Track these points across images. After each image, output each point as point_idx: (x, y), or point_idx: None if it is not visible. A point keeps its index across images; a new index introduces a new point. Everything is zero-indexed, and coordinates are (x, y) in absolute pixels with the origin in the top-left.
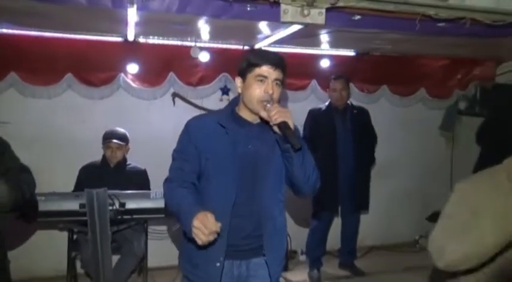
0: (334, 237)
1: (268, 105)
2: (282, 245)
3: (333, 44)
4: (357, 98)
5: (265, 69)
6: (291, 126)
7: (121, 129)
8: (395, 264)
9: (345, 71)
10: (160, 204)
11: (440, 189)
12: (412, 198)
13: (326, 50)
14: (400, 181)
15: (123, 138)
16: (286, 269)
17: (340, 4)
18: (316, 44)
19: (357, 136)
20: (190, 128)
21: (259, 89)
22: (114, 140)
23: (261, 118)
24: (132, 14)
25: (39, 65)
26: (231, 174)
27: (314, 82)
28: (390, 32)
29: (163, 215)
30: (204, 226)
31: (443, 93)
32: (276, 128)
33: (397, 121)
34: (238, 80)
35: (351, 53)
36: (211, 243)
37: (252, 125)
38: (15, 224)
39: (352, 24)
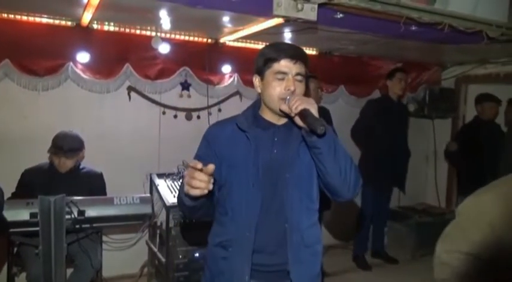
0: None
1: (288, 97)
2: (313, 261)
3: (297, 42)
4: None
5: (284, 64)
6: (315, 114)
7: (74, 135)
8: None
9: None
10: (124, 211)
11: None
12: None
13: None
14: None
15: (76, 148)
16: None
17: (334, 1)
18: (280, 41)
19: None
20: (209, 134)
21: (279, 86)
22: (63, 157)
23: (284, 114)
24: None
25: None
26: (255, 183)
27: None
28: (362, 32)
29: (129, 223)
30: (191, 168)
31: None
32: (298, 120)
33: (352, 122)
34: (256, 80)
35: (313, 52)
36: (235, 260)
37: (277, 127)
38: None
39: (333, 23)
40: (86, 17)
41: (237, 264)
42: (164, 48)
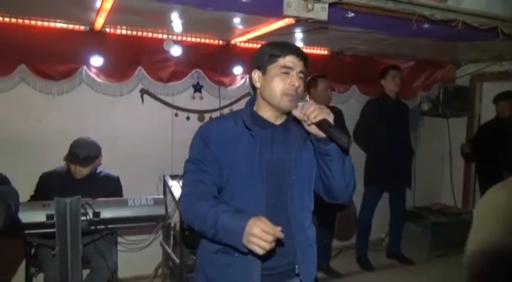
0: None
1: (300, 103)
2: (314, 258)
3: (308, 42)
4: None
5: (289, 60)
6: (332, 123)
7: (90, 143)
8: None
9: (318, 70)
10: (138, 212)
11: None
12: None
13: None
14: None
15: (91, 157)
16: None
17: (345, 0)
18: (291, 41)
19: None
20: (205, 134)
21: (284, 81)
22: (78, 165)
23: (294, 117)
24: None
25: None
26: (259, 184)
27: None
28: (373, 31)
29: (143, 224)
30: (265, 232)
31: (409, 94)
32: (312, 128)
33: None
34: (256, 74)
35: (324, 52)
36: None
37: (275, 127)
38: None
39: (344, 22)
40: (99, 21)
41: (245, 270)
42: (176, 51)
